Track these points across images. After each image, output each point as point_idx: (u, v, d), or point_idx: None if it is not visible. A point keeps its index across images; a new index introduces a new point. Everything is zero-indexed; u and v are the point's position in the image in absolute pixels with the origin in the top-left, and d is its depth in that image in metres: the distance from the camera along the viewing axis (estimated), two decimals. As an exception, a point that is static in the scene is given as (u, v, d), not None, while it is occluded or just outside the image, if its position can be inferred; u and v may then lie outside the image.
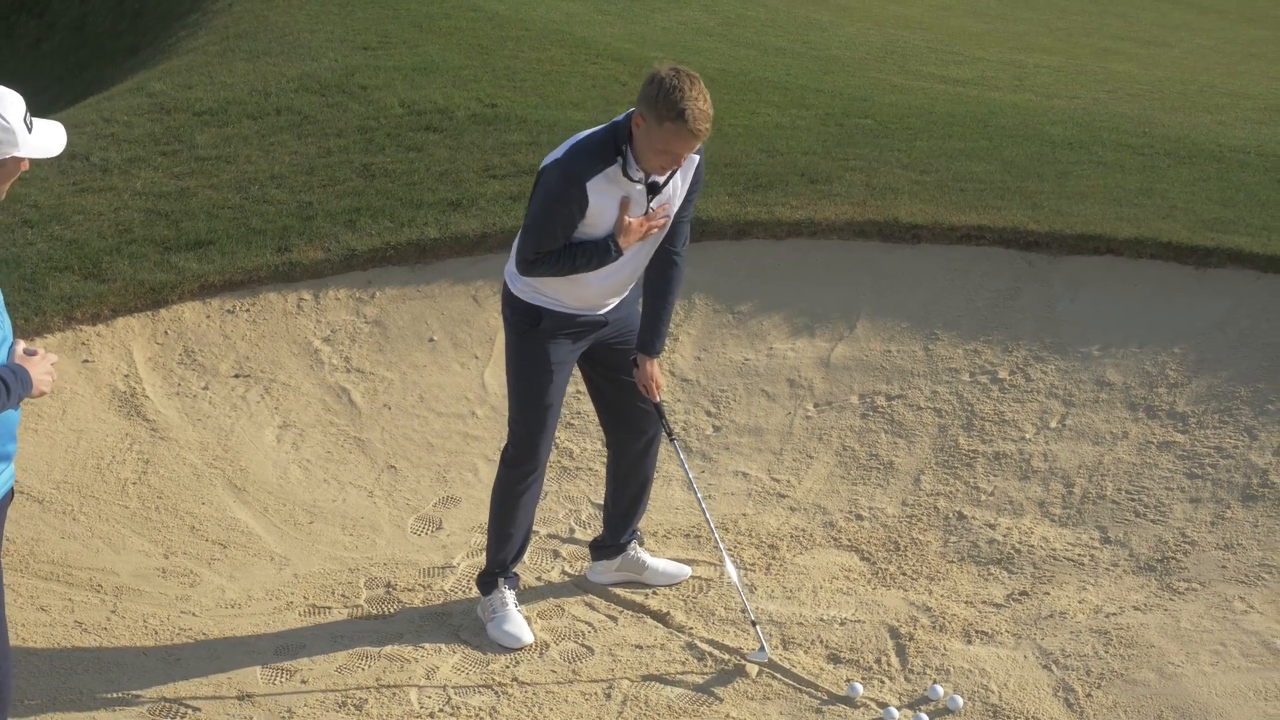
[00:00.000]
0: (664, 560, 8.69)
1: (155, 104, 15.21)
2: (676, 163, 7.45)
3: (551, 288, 7.70)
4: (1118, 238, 11.14)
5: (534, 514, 8.23)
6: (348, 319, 11.24)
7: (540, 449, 8.00)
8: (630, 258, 7.69)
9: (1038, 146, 13.53)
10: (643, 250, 7.74)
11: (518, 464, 8.03)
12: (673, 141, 7.28)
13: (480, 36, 17.41)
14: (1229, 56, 21.88)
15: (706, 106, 7.25)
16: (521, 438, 7.99)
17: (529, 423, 7.95)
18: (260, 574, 8.87)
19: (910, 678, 7.69)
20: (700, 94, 7.23)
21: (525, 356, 7.88)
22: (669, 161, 7.40)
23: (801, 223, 11.69)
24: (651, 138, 7.29)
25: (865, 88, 16.08)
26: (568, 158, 7.47)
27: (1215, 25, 25.43)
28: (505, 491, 8.09)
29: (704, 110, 7.24)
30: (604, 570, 8.62)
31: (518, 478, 8.04)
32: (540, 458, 8.02)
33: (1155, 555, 8.65)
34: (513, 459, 8.05)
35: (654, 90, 7.23)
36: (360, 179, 12.84)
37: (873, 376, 10.45)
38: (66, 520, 9.31)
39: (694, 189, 7.78)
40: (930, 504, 9.30)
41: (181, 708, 7.54)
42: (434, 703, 7.56)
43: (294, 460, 10.03)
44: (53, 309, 10.96)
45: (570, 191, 7.41)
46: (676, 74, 7.25)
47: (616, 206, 7.50)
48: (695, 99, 7.19)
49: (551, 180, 7.47)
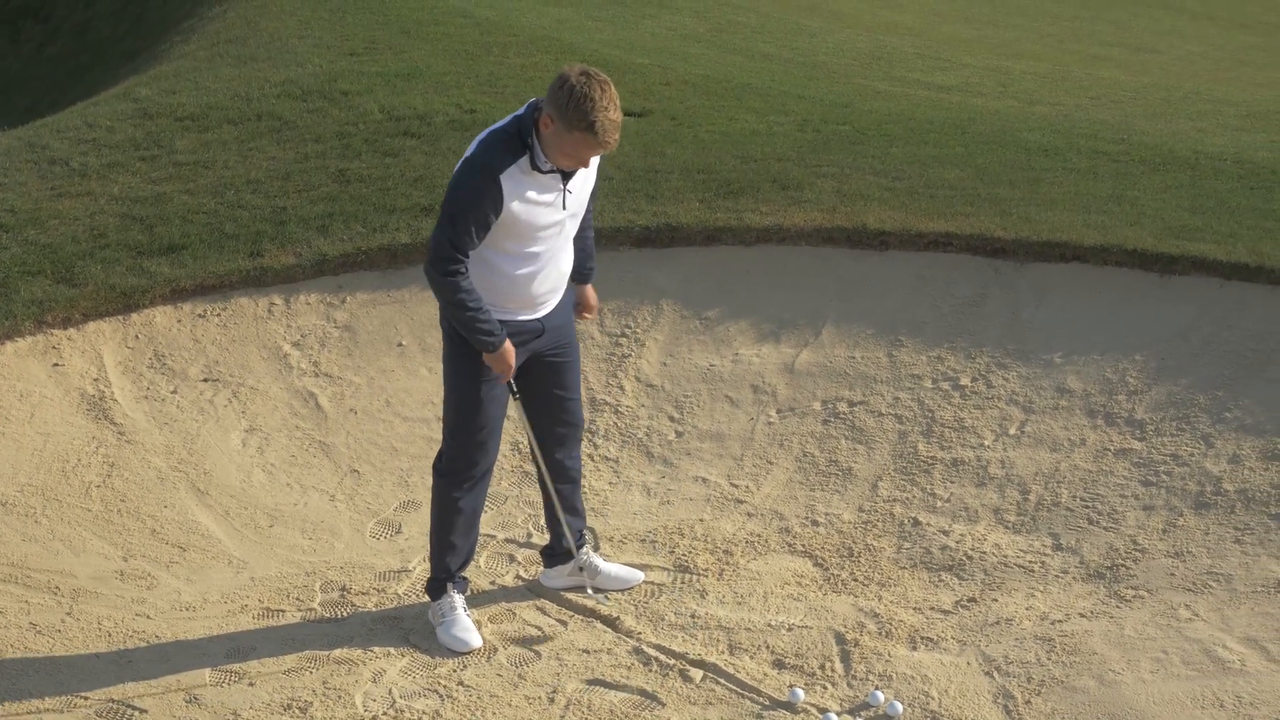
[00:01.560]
0: (616, 565, 8.73)
1: (139, 109, 15.27)
2: (584, 164, 7.51)
3: (489, 290, 7.68)
4: (1084, 244, 11.17)
5: (478, 523, 8.23)
6: (318, 324, 11.30)
7: (476, 459, 8.00)
8: (555, 254, 7.77)
9: (1013, 153, 13.57)
10: (560, 232, 7.76)
11: (451, 474, 8.04)
12: (581, 149, 7.37)
13: (466, 42, 17.47)
14: (1218, 63, 21.92)
15: (616, 115, 7.32)
16: (455, 448, 8.01)
17: (463, 433, 7.97)
18: (217, 577, 8.92)
19: (853, 684, 7.73)
20: (610, 102, 7.28)
21: (461, 368, 7.90)
22: (576, 164, 7.48)
23: (770, 229, 11.73)
24: (560, 142, 7.35)
25: (847, 94, 16.12)
26: (480, 152, 7.49)
27: (1207, 31, 25.47)
28: (442, 501, 8.10)
29: (614, 120, 7.30)
30: (556, 575, 8.66)
31: (452, 486, 8.05)
32: (478, 468, 8.02)
33: (1105, 563, 8.68)
34: (446, 469, 8.06)
35: (564, 96, 7.26)
36: (335, 184, 12.89)
37: (836, 383, 10.49)
38: (28, 523, 9.36)
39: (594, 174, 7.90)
40: (886, 510, 9.34)
41: (129, 709, 7.60)
42: (378, 706, 7.61)
43: (258, 464, 10.08)
44: (23, 313, 11.01)
45: (485, 185, 7.42)
46: (587, 80, 7.28)
47: (531, 199, 7.51)
48: (605, 109, 7.25)
49: (465, 176, 7.48)
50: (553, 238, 7.74)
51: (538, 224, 7.62)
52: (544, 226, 7.66)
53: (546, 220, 7.65)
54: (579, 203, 7.78)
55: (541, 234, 7.67)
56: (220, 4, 20.34)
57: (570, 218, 7.77)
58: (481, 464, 8.02)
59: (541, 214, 7.61)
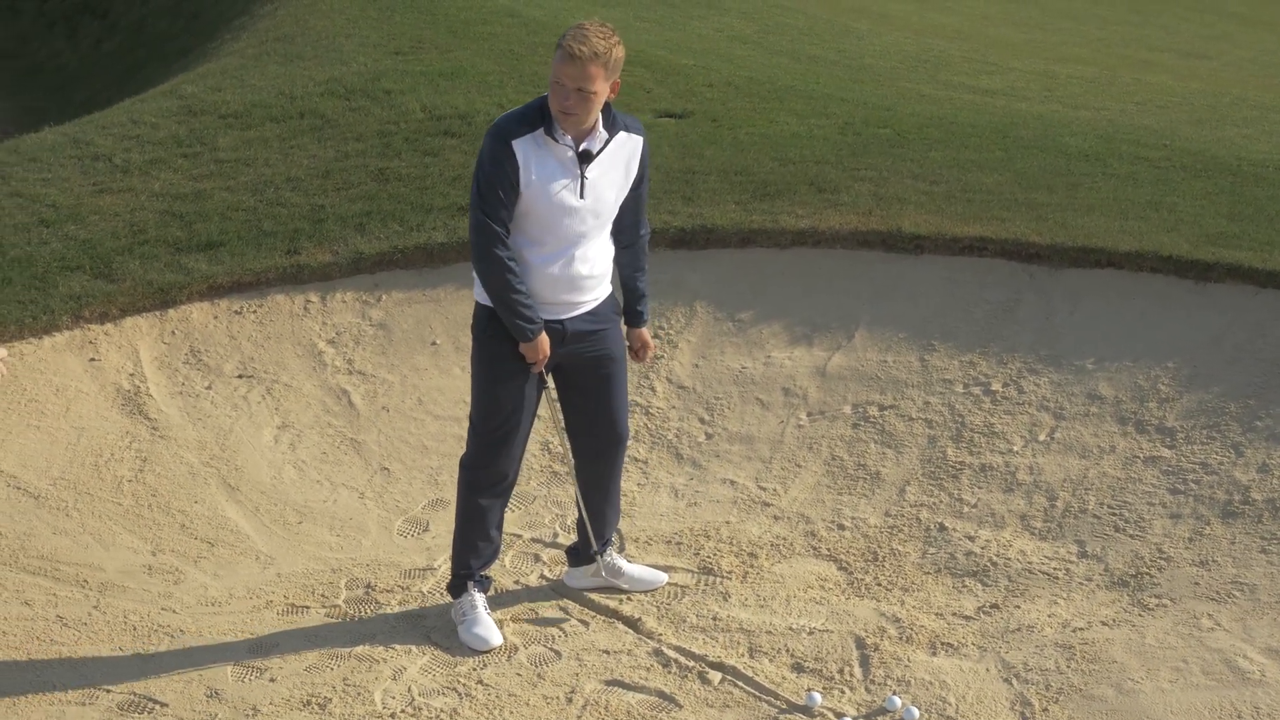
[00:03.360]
0: (640, 566, 8.75)
1: (184, 106, 15.38)
2: (567, 98, 7.45)
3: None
4: (1119, 250, 11.14)
5: (500, 523, 8.25)
6: (353, 321, 11.35)
7: (500, 459, 8.01)
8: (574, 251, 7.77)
9: (1053, 158, 13.53)
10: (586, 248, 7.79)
11: (476, 472, 8.06)
12: (559, 71, 7.44)
13: (512, 42, 17.51)
14: (1268, 69, 21.80)
15: (596, 39, 7.40)
16: (480, 447, 8.03)
17: (488, 432, 7.99)
18: (244, 573, 8.98)
19: (871, 688, 7.73)
20: (594, 29, 7.43)
21: (485, 363, 7.93)
22: (562, 97, 7.45)
23: (806, 232, 11.73)
24: (550, 80, 7.50)
25: (890, 97, 16.10)
26: (496, 125, 7.61)
27: (1259, 37, 25.32)
28: (466, 500, 8.13)
29: (585, 34, 7.40)
30: (580, 575, 8.67)
31: (476, 485, 8.08)
32: (497, 465, 8.03)
33: (1130, 570, 8.66)
34: (470, 465, 8.09)
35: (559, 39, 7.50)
36: (374, 183, 12.95)
37: (867, 386, 10.48)
38: (60, 516, 9.44)
39: (643, 177, 7.92)
40: (913, 515, 9.33)
41: (150, 703, 7.65)
42: (397, 703, 7.64)
43: (289, 460, 10.14)
44: (61, 308, 11.11)
45: (498, 150, 7.49)
46: (580, 22, 7.52)
47: (548, 169, 7.55)
48: (582, 28, 7.43)
49: (485, 144, 7.59)
50: (571, 229, 7.73)
51: (553, 202, 7.61)
52: (560, 209, 7.65)
53: (562, 202, 7.64)
54: (599, 199, 7.75)
55: (558, 218, 7.67)
56: (272, 2, 20.44)
57: (591, 214, 7.75)
58: (506, 464, 8.04)
59: (557, 192, 7.60)
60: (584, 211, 7.73)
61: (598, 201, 7.76)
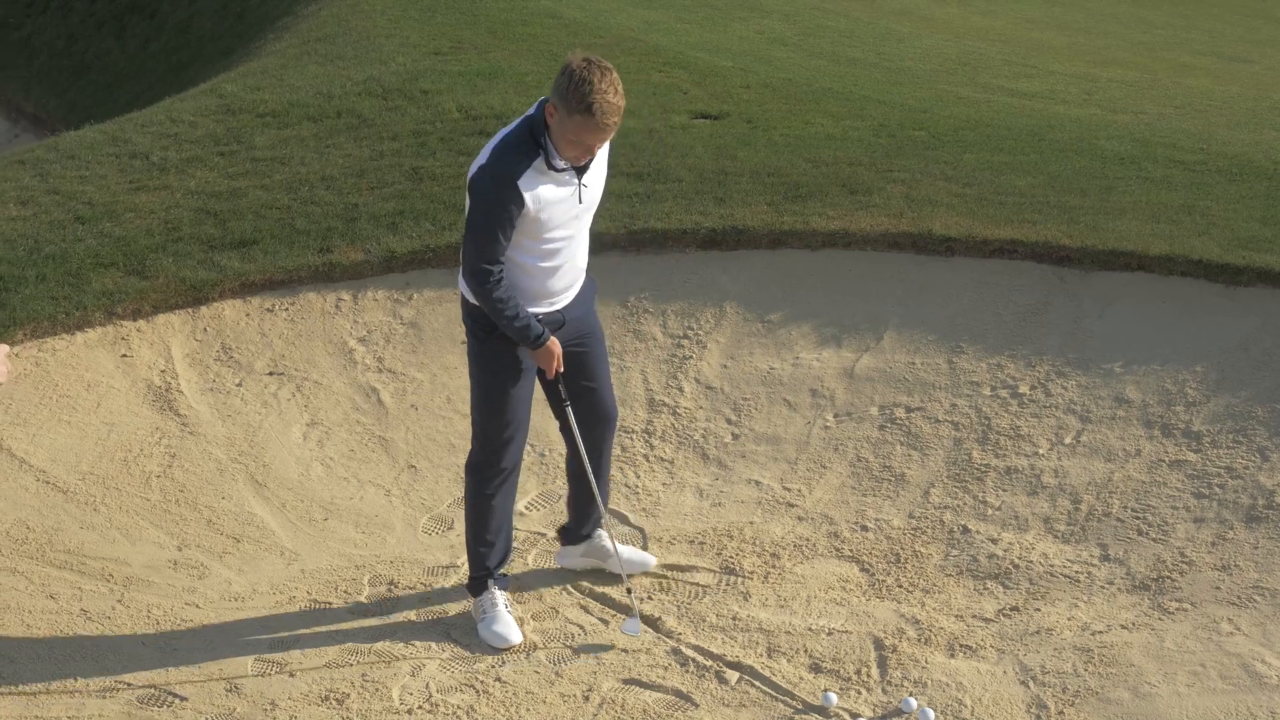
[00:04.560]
0: (629, 548, 8.85)
1: (223, 105, 15.45)
2: (590, 152, 7.59)
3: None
4: (1149, 254, 11.09)
5: (511, 516, 8.34)
6: (384, 320, 11.40)
7: (505, 454, 8.11)
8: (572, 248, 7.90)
9: (1087, 161, 13.48)
10: (577, 226, 7.88)
11: (483, 469, 8.16)
12: (582, 133, 7.44)
13: (552, 43, 17.52)
14: (1311, 73, 21.70)
15: (616, 99, 7.39)
16: (484, 443, 8.13)
17: (491, 429, 8.08)
18: (268, 568, 9.04)
19: (887, 690, 7.74)
20: (610, 86, 7.36)
21: (486, 362, 8.04)
22: (582, 152, 7.54)
23: (837, 233, 11.73)
24: (564, 129, 7.45)
25: (928, 100, 16.07)
26: (493, 160, 7.62)
27: (1305, 42, 25.24)
28: (476, 499, 8.22)
29: (612, 104, 7.37)
30: (571, 555, 8.80)
31: (484, 484, 8.17)
32: (503, 462, 8.12)
33: (1151, 574, 8.64)
34: (477, 465, 8.18)
35: (565, 81, 7.39)
36: (408, 182, 13.00)
37: (894, 388, 10.48)
38: (88, 511, 9.52)
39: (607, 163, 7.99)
40: (937, 517, 9.33)
41: (170, 697, 7.72)
42: (414, 699, 7.69)
43: (317, 457, 10.19)
44: (94, 304, 11.19)
45: (504, 194, 7.54)
46: (588, 65, 7.38)
47: (551, 193, 7.62)
48: (604, 92, 7.33)
49: (485, 186, 7.59)
50: (570, 231, 7.86)
51: (555, 221, 7.72)
52: (562, 223, 7.76)
53: (564, 217, 7.75)
54: (593, 197, 7.87)
55: (559, 230, 7.77)
56: (315, 2, 20.49)
57: (586, 210, 7.87)
58: (510, 459, 8.13)
59: (559, 211, 7.71)
60: (582, 213, 7.87)
61: (592, 200, 7.91)
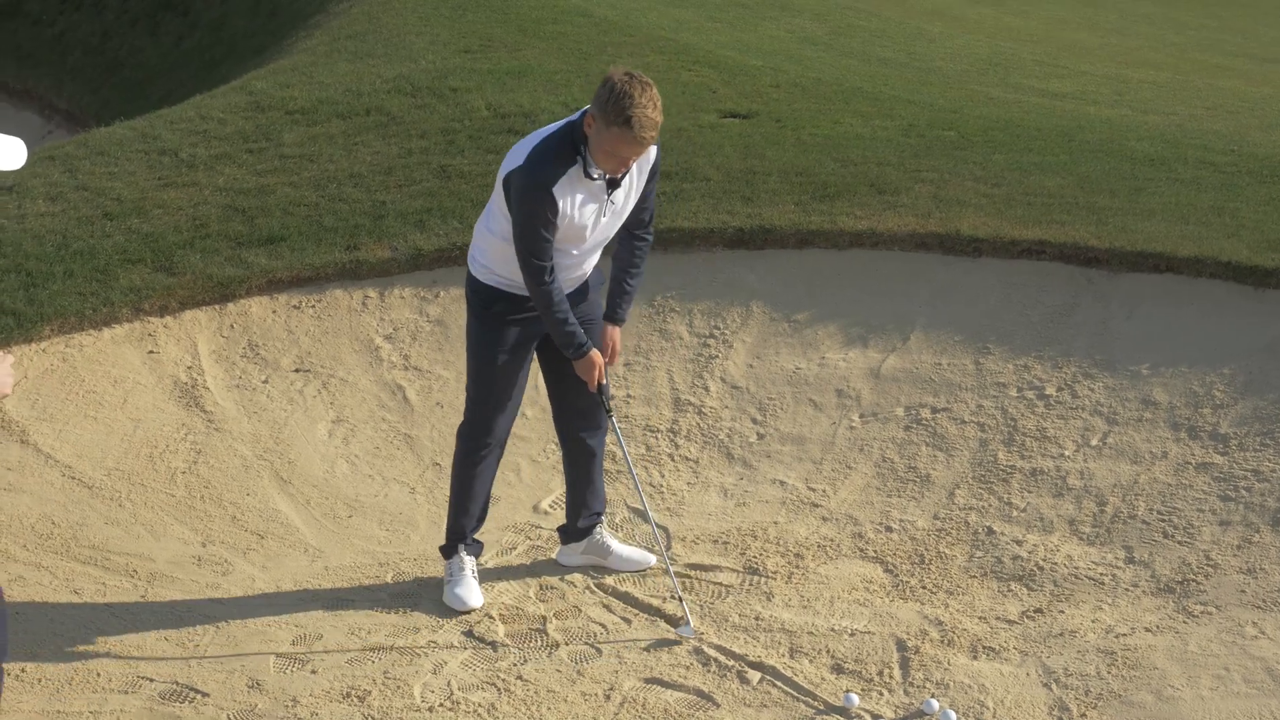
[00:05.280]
0: (628, 546, 8.93)
1: (252, 102, 15.49)
2: (625, 165, 7.70)
3: (507, 268, 8.01)
4: (1178, 255, 11.06)
5: (491, 486, 8.59)
6: (410, 317, 11.41)
7: (494, 426, 8.37)
8: (579, 245, 7.99)
9: (1117, 162, 13.44)
10: (595, 237, 8.01)
11: (471, 438, 8.43)
12: (619, 145, 7.55)
13: (582, 42, 17.56)
14: (1345, 74, 21.59)
15: (655, 114, 7.49)
16: (475, 414, 8.40)
17: (482, 400, 8.35)
18: (292, 565, 9.04)
19: (909, 691, 7.70)
20: (649, 101, 7.46)
21: (481, 337, 8.25)
22: (618, 164, 7.67)
23: (864, 233, 11.72)
24: (601, 140, 7.56)
25: (958, 100, 16.04)
26: (529, 165, 7.72)
27: (1340, 43, 25.10)
28: (463, 466, 8.49)
29: (651, 118, 7.47)
30: (570, 553, 8.91)
31: (471, 450, 8.44)
32: (495, 434, 8.40)
33: (1176, 577, 8.59)
34: (467, 434, 8.45)
35: (605, 94, 7.49)
36: (436, 180, 13.01)
37: (920, 389, 10.45)
38: (113, 506, 9.54)
39: (653, 178, 8.06)
40: (961, 518, 9.30)
41: (192, 692, 7.71)
42: (435, 697, 7.67)
43: (342, 455, 10.21)
44: (122, 300, 11.23)
45: (541, 199, 7.68)
46: (629, 79, 7.49)
47: (581, 202, 7.77)
48: (643, 106, 7.43)
49: (522, 192, 7.72)
50: (593, 239, 8.02)
51: (578, 228, 7.88)
52: (588, 230, 7.92)
53: (591, 224, 7.92)
54: (620, 211, 8.01)
55: (577, 237, 7.93)
56: (346, 0, 20.54)
57: (611, 225, 8.04)
58: (500, 429, 8.41)
59: (585, 219, 7.87)
60: (606, 225, 8.01)
61: (619, 214, 8.04)
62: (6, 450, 9.92)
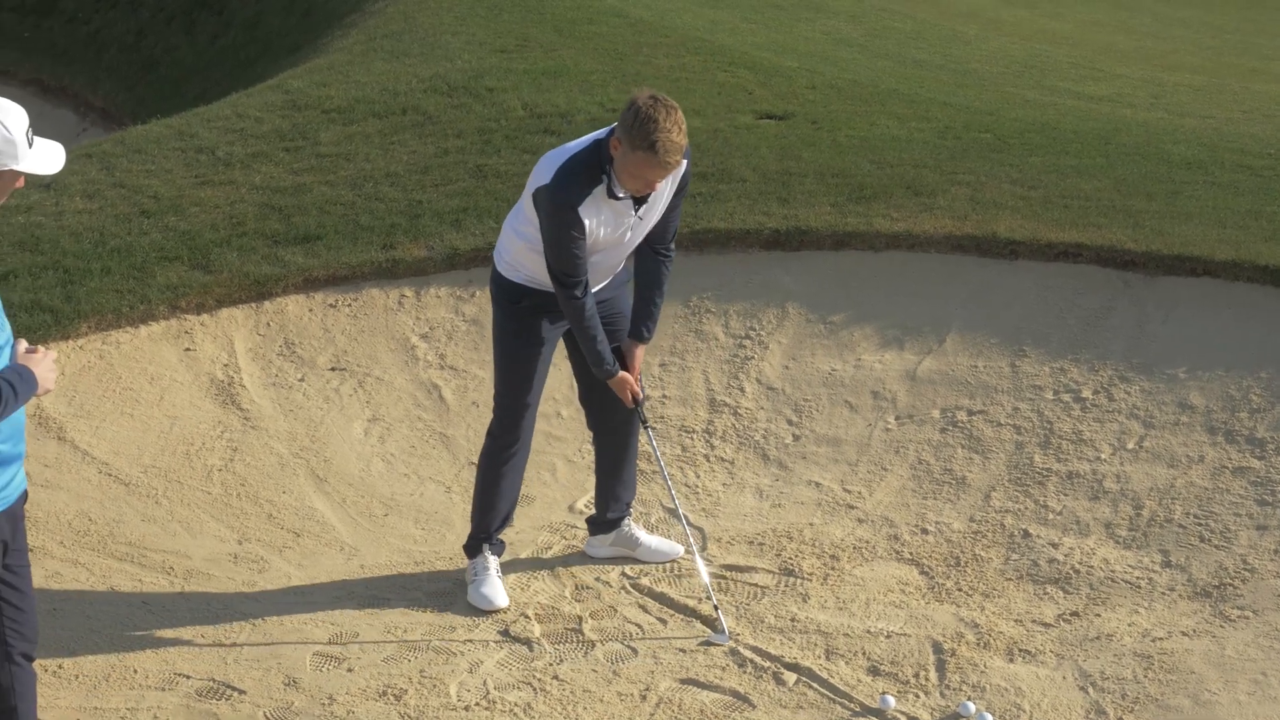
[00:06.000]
0: (656, 537, 9.00)
1: (289, 101, 15.52)
2: (650, 187, 7.81)
3: (533, 268, 8.12)
4: (1215, 259, 11.02)
5: (519, 484, 8.62)
6: (446, 317, 11.43)
7: (523, 422, 8.46)
8: (604, 257, 8.08)
9: (1154, 165, 13.41)
10: (618, 250, 8.14)
11: (501, 435, 8.48)
12: (644, 169, 7.64)
13: (617, 42, 17.55)
14: (1382, 78, 21.50)
15: (679, 138, 7.58)
16: (503, 411, 8.46)
17: (511, 397, 8.42)
18: (328, 563, 9.06)
19: (945, 693, 7.70)
20: (674, 125, 7.55)
21: (508, 332, 8.35)
22: (643, 186, 7.79)
23: (900, 235, 11.71)
24: (626, 162, 7.66)
25: (994, 102, 16.02)
26: (555, 184, 7.83)
27: (1376, 47, 24.99)
28: (490, 463, 8.53)
29: (675, 142, 7.56)
30: (599, 545, 8.97)
31: (501, 448, 8.50)
32: (523, 430, 8.48)
33: (1213, 581, 8.57)
34: (497, 432, 8.51)
35: (630, 118, 7.58)
36: (472, 179, 13.04)
37: (956, 391, 10.44)
38: (149, 504, 9.57)
39: (680, 191, 8.13)
40: (997, 521, 9.28)
41: (228, 690, 7.73)
42: (472, 696, 7.69)
43: (378, 453, 10.23)
44: (159, 297, 11.26)
45: (568, 219, 7.79)
46: (654, 103, 7.58)
47: (607, 219, 7.88)
48: (668, 130, 7.52)
49: (549, 211, 7.82)
50: (620, 252, 8.20)
51: (604, 243, 8.01)
52: (607, 247, 8.05)
53: (617, 240, 8.06)
54: (646, 225, 8.10)
55: (602, 250, 8.06)
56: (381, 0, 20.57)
57: (638, 238, 8.16)
58: (526, 425, 8.49)
59: (613, 234, 7.99)
60: (633, 239, 8.13)
61: (645, 227, 8.14)
62: (44, 447, 9.94)
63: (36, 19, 28.45)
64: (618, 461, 8.78)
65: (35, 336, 10.43)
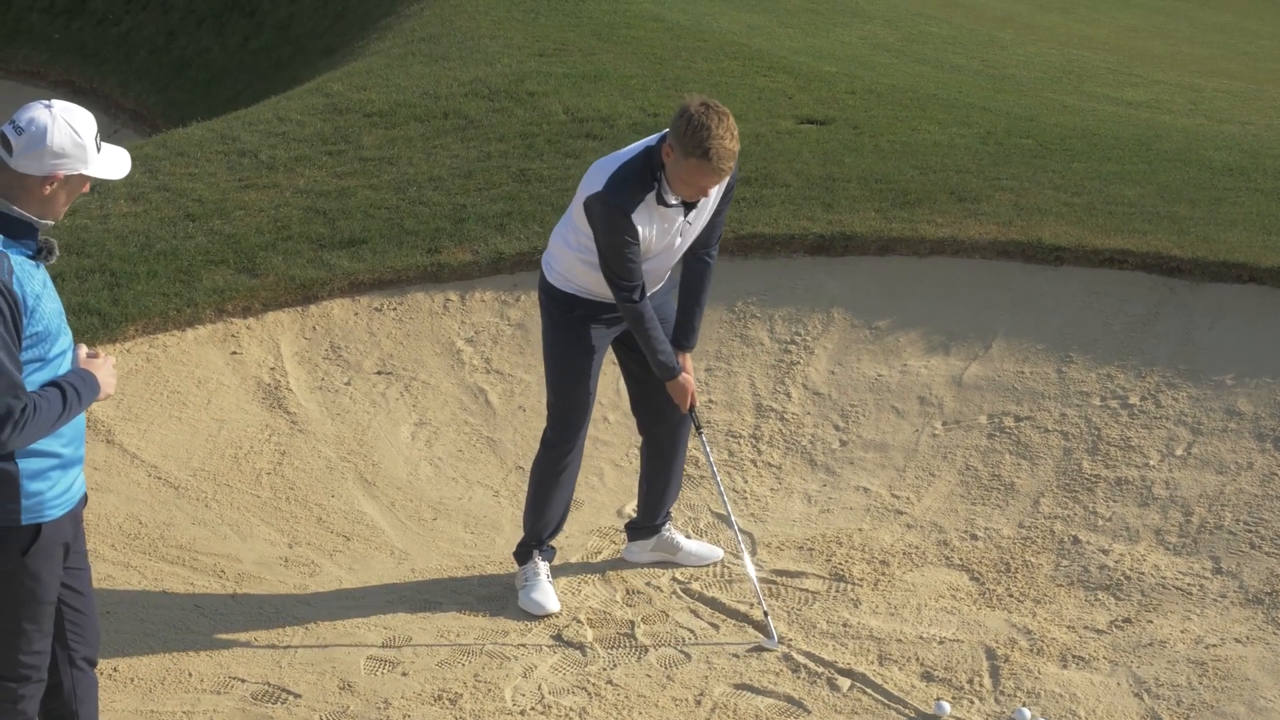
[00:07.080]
0: (696, 542, 9.05)
1: (330, 104, 15.56)
2: (703, 193, 7.83)
3: (584, 278, 8.14)
4: (1261, 266, 11.01)
5: (572, 491, 8.66)
6: (491, 321, 11.45)
7: (577, 430, 8.46)
8: (656, 263, 8.10)
9: (1196, 172, 13.39)
10: (669, 255, 8.15)
11: (556, 444, 8.49)
12: (697, 176, 7.65)
13: (656, 46, 17.56)
14: None
15: (732, 144, 7.59)
16: (559, 420, 8.47)
17: (566, 406, 8.42)
18: (379, 567, 9.08)
19: (1000, 699, 7.70)
20: (727, 131, 7.56)
21: (560, 342, 8.35)
22: (696, 192, 7.81)
23: (945, 241, 11.70)
24: (679, 169, 7.66)
25: (1033, 107, 16.00)
26: (608, 191, 7.84)
27: None
28: (544, 471, 8.54)
29: (728, 149, 7.57)
30: (640, 550, 8.99)
31: (557, 457, 8.51)
32: (577, 438, 8.48)
33: (1265, 588, 8.56)
34: (552, 440, 8.51)
35: (683, 125, 7.58)
36: (516, 183, 13.05)
37: (1003, 397, 10.44)
38: (199, 507, 9.60)
39: (726, 198, 8.16)
40: (1047, 527, 9.28)
41: (284, 693, 7.76)
42: (527, 700, 7.70)
43: (425, 457, 10.25)
44: (205, 301, 11.30)
45: (621, 225, 7.81)
46: (706, 110, 7.57)
47: (657, 226, 7.90)
48: (721, 137, 7.53)
49: (603, 218, 7.84)
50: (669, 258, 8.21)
51: (656, 249, 8.03)
52: (658, 253, 8.07)
53: (667, 246, 8.07)
54: (694, 231, 8.12)
55: (661, 256, 8.10)
56: (418, 2, 20.60)
57: (684, 245, 8.18)
58: (581, 432, 8.50)
59: (663, 240, 8.01)
60: (682, 244, 8.16)
61: (694, 232, 8.16)
62: (93, 450, 9.95)
63: (66, 20, 28.54)
64: (666, 467, 8.80)
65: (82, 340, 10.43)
